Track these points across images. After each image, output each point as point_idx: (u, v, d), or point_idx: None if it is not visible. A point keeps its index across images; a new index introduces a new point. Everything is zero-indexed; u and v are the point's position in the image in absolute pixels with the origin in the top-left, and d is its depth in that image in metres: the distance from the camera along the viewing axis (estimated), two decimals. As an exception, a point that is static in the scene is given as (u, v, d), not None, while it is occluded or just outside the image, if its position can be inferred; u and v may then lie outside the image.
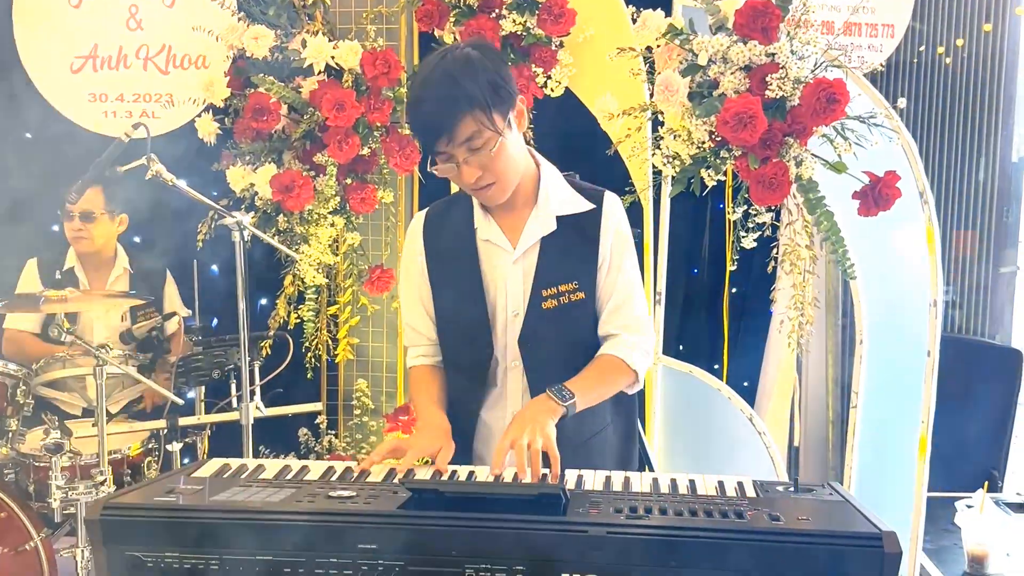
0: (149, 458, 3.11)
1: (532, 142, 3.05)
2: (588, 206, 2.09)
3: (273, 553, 1.52)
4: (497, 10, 3.21)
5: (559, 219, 2.07)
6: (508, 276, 2.07)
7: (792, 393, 3.82)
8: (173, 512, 1.54)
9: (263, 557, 1.52)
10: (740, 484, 1.74)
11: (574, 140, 3.19)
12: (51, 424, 2.79)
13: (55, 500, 2.60)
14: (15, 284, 3.52)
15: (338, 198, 3.30)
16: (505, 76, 1.96)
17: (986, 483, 2.92)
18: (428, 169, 1.98)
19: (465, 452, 2.09)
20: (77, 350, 2.99)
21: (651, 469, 2.89)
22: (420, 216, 2.20)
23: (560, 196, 2.09)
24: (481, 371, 2.11)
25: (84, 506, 2.59)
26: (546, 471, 1.83)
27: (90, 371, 2.89)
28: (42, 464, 2.98)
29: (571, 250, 2.08)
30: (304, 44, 3.24)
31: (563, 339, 2.07)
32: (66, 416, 3.27)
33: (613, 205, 2.12)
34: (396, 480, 1.74)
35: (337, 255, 3.44)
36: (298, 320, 3.44)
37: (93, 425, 2.85)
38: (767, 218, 2.58)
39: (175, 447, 2.85)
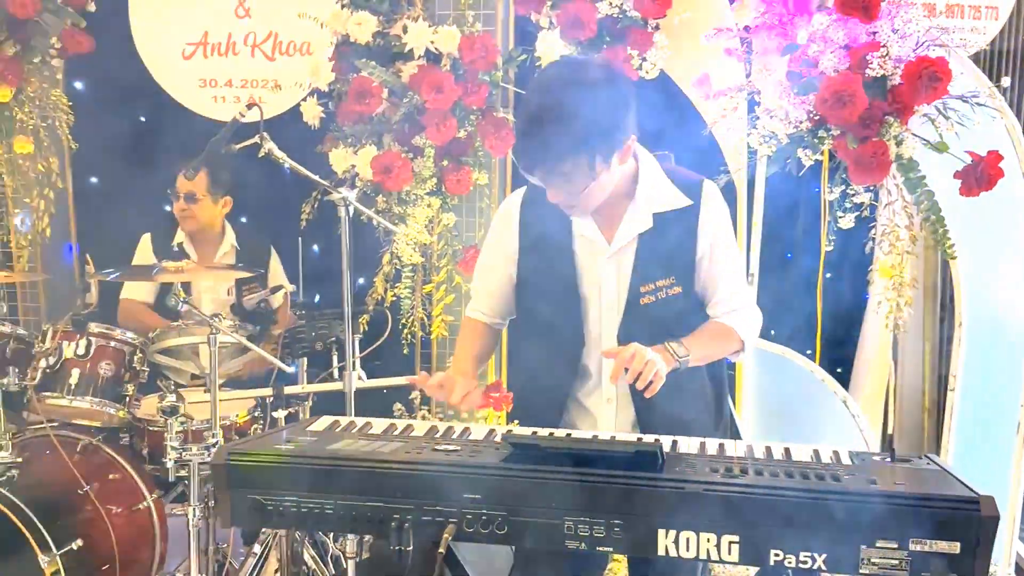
0: (256, 425, 3.25)
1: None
2: (686, 202, 2.09)
3: (383, 500, 1.61)
4: (593, -8, 3.24)
5: (656, 215, 2.07)
6: (603, 271, 2.10)
7: (888, 380, 3.77)
8: (294, 458, 1.65)
9: (374, 504, 1.61)
10: (836, 452, 1.76)
11: (668, 121, 3.20)
12: (167, 389, 2.94)
13: (170, 459, 2.74)
14: (130, 259, 3.71)
15: (435, 179, 3.39)
16: (625, 116, 1.95)
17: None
18: (521, 172, 2.03)
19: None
20: (191, 319, 3.14)
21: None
22: (517, 198, 2.22)
23: (658, 192, 2.09)
24: (573, 358, 2.16)
25: (197, 467, 2.72)
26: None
27: (203, 339, 3.04)
28: (155, 429, 3.14)
29: (669, 246, 2.08)
30: (405, 29, 3.34)
31: (660, 329, 2.09)
32: (176, 384, 3.43)
33: (711, 197, 2.11)
34: (498, 437, 1.82)
35: (432, 235, 3.53)
36: (395, 297, 3.55)
37: (205, 391, 2.99)
38: (865, 198, 2.58)
39: (280, 414, 2.97)
